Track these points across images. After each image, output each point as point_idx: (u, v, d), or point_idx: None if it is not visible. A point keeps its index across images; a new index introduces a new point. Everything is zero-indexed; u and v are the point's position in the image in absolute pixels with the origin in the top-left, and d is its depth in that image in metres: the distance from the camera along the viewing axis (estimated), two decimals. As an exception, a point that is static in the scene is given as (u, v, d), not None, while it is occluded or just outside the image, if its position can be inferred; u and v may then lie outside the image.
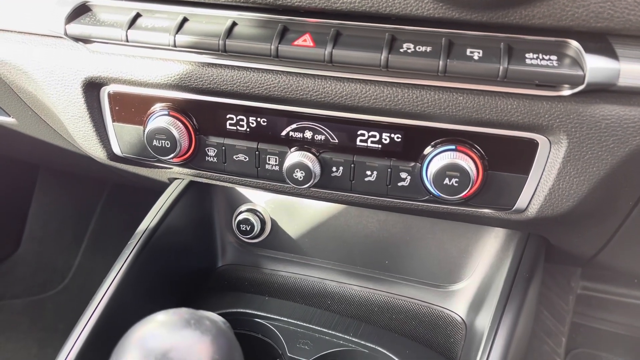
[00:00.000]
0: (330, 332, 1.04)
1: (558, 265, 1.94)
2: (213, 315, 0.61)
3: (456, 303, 1.08)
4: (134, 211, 2.52)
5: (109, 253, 2.43)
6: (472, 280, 1.07)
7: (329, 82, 0.76)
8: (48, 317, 2.12)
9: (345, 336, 1.02)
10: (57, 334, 2.06)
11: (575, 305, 1.98)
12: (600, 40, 0.67)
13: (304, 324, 1.05)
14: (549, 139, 0.74)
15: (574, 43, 0.68)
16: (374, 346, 1.00)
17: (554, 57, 0.68)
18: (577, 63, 0.67)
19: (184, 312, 0.59)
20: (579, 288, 1.99)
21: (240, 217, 1.16)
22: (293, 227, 1.16)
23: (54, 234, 2.35)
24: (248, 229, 1.15)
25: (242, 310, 1.08)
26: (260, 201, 1.15)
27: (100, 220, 2.40)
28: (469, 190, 0.77)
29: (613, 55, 0.66)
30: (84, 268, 2.30)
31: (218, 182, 0.99)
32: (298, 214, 1.14)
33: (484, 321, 0.96)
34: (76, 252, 2.34)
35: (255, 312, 1.08)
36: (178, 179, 1.13)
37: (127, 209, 2.40)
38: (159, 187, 1.23)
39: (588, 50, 0.67)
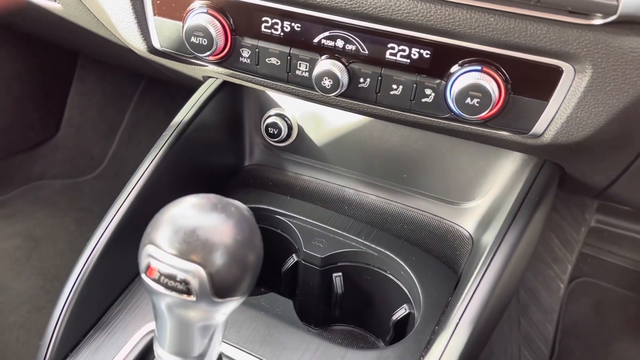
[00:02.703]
0: (344, 233, 1.10)
1: (575, 197, 1.96)
2: (238, 203, 0.66)
3: (466, 219, 1.12)
4: (167, 106, 2.58)
5: (142, 144, 2.53)
6: (485, 200, 1.10)
7: None
8: (84, 199, 2.24)
9: (358, 239, 1.09)
10: (93, 215, 2.20)
11: (587, 236, 2.02)
12: (641, -29, 0.66)
13: (321, 224, 1.11)
14: (574, 67, 0.75)
15: None
16: (383, 250, 1.06)
17: (591, -16, 0.68)
18: (613, -8, 0.67)
19: (212, 197, 0.65)
20: (593, 221, 2.02)
21: (269, 120, 1.19)
22: (319, 135, 1.19)
23: (91, 122, 2.43)
24: (275, 132, 1.19)
25: (265, 206, 1.15)
26: (289, 107, 1.18)
27: (134, 112, 2.46)
28: (488, 112, 0.79)
29: (650, -13, 0.66)
30: (118, 157, 2.39)
31: (250, 84, 1.02)
32: (324, 123, 1.17)
33: (489, 237, 1.00)
34: (111, 141, 2.43)
35: (277, 210, 1.14)
36: (212, 77, 1.16)
37: (160, 104, 2.47)
38: (193, 84, 1.27)
39: (626, -20, 0.66)
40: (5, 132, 2.21)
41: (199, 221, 0.61)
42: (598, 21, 0.70)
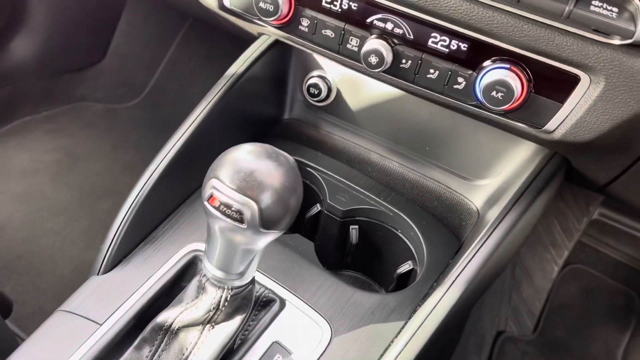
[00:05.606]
0: (365, 192, 1.20)
1: (582, 189, 2.05)
2: (287, 154, 0.79)
3: (476, 195, 1.22)
4: (209, 47, 2.67)
5: (182, 79, 2.63)
6: (495, 180, 1.20)
7: None
8: (123, 125, 2.35)
9: (376, 198, 1.19)
10: (129, 141, 2.32)
11: (588, 227, 2.11)
12: (661, 3, 0.76)
13: (345, 181, 1.22)
14: (590, 78, 0.84)
15: (636, 1, 0.77)
16: (397, 211, 1.17)
17: (615, 9, 0.77)
18: (632, 19, 0.77)
19: (267, 146, 0.77)
20: (596, 213, 2.11)
21: (311, 81, 1.28)
22: (354, 100, 1.28)
23: (136, 52, 2.51)
24: (316, 92, 1.28)
25: (297, 158, 1.24)
26: (331, 71, 1.27)
27: (177, 49, 2.53)
28: (510, 105, 0.89)
29: (666, 19, 0.75)
30: (158, 88, 2.48)
31: (304, 49, 1.12)
32: (362, 90, 1.26)
33: (493, 214, 1.10)
34: (153, 73, 2.50)
35: (308, 163, 1.25)
36: (266, 35, 1.27)
37: (203, 45, 2.54)
38: (242, 34, 1.37)
39: (646, 10, 0.76)
40: (56, 52, 2.31)
41: (256, 165, 0.74)
42: (616, 42, 0.80)
